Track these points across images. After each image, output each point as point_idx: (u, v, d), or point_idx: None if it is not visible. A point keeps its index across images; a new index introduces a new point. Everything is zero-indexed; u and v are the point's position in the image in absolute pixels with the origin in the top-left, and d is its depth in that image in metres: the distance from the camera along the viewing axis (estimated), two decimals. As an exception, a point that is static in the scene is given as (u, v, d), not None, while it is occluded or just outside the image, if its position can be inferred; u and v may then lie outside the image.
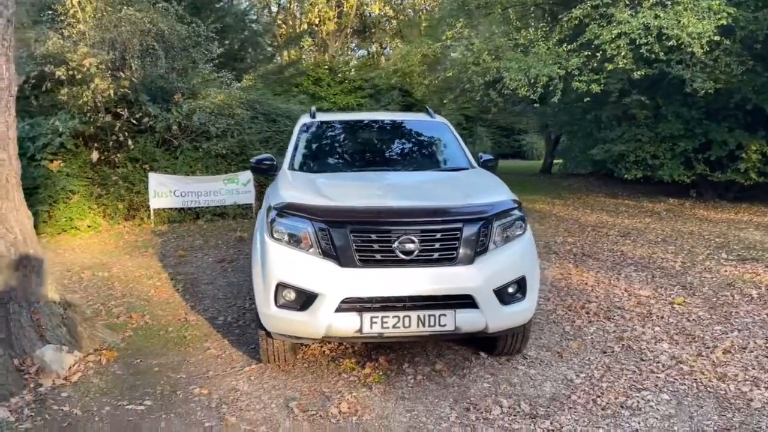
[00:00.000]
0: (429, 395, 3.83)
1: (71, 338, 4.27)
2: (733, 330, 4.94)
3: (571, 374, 4.16)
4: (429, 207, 3.83)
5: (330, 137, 5.32)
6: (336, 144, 5.28)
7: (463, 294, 3.66)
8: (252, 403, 3.70)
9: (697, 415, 3.58)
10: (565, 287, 6.37)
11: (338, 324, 3.61)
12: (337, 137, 5.35)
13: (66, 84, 9.88)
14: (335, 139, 5.33)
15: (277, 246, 3.77)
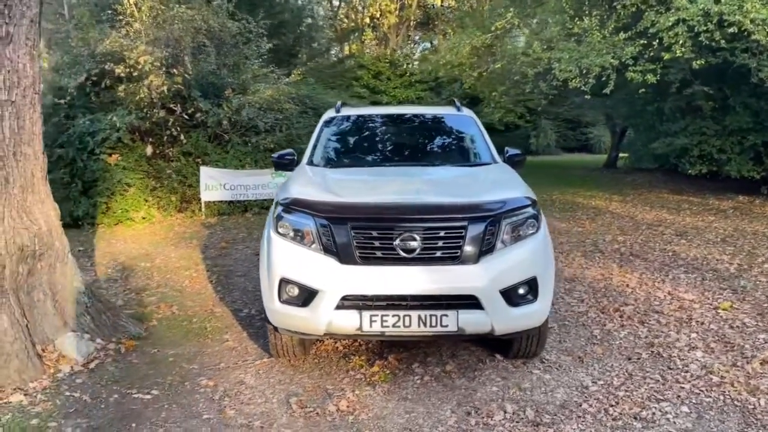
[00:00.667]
0: (433, 397, 3.74)
1: (94, 326, 4.42)
2: (777, 339, 4.58)
3: (587, 381, 3.96)
4: (433, 204, 3.72)
5: (352, 132, 5.28)
6: (357, 138, 5.24)
7: (466, 294, 3.54)
8: (254, 397, 3.72)
9: (717, 430, 3.32)
10: (603, 288, 6.09)
11: (338, 321, 3.58)
12: (359, 131, 5.30)
13: (124, 81, 10.28)
14: (357, 133, 5.29)
15: (281, 242, 3.77)
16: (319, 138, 5.11)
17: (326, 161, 4.85)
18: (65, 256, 4.36)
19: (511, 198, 3.80)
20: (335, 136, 5.17)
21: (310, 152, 4.95)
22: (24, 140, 3.98)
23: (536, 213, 3.84)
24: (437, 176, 4.44)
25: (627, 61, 8.96)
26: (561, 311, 5.39)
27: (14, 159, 3.92)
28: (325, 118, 5.37)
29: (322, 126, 5.25)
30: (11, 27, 3.79)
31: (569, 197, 13.34)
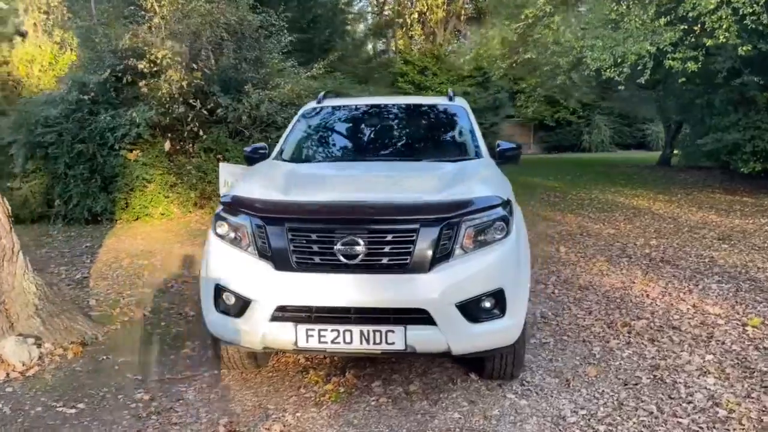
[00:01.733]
0: (382, 423, 3.29)
1: (45, 330, 4.18)
2: (809, 367, 3.89)
3: (567, 410, 3.42)
4: (381, 203, 3.25)
5: (329, 124, 4.86)
6: (332, 131, 4.82)
7: (414, 308, 3.07)
8: (185, 417, 3.37)
9: (709, 482, 2.75)
10: (618, 298, 5.47)
11: (273, 334, 3.18)
12: (336, 124, 4.88)
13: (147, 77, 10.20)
14: (334, 126, 4.86)
15: (218, 244, 3.40)
16: (292, 131, 4.72)
17: (294, 156, 4.45)
18: (13, 255, 4.13)
19: (475, 197, 3.29)
20: (311, 128, 4.77)
21: (280, 146, 4.56)
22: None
23: (506, 215, 3.31)
24: (406, 173, 3.97)
25: (665, 48, 8.17)
26: (563, 324, 4.83)
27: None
28: (304, 109, 4.97)
29: (299, 118, 4.85)
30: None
31: (610, 196, 12.54)
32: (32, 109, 10.00)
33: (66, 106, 9.94)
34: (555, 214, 10.46)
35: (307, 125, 4.77)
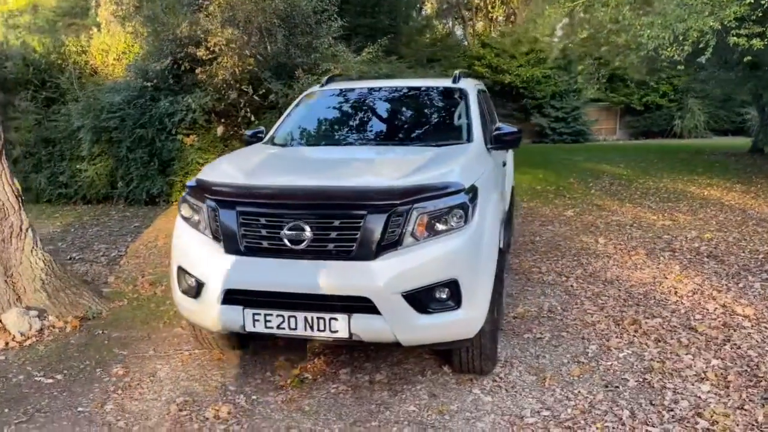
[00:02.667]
0: (332, 412, 3.24)
1: (50, 303, 4.43)
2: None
3: (530, 410, 3.23)
4: (329, 189, 3.17)
5: (326, 108, 4.79)
6: (327, 116, 4.74)
7: (357, 296, 2.98)
8: (147, 393, 3.46)
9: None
10: (640, 294, 5.11)
11: (224, 317, 3.20)
12: (333, 108, 4.80)
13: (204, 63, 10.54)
14: (330, 110, 4.79)
15: (182, 226, 3.46)
16: (288, 115, 4.71)
17: (284, 140, 4.43)
18: (21, 232, 4.39)
19: (431, 184, 3.14)
20: (308, 112, 4.73)
21: (274, 130, 4.57)
22: (-32, 116, 4.00)
23: (465, 203, 3.14)
24: (382, 157, 3.85)
25: (730, 24, 7.46)
26: (567, 319, 4.57)
27: (-45, 135, 3.96)
28: (305, 93, 4.94)
29: (298, 102, 4.84)
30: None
31: (680, 185, 11.72)
32: (99, 96, 10.58)
33: (129, 92, 10.45)
34: (611, 203, 9.90)
35: (304, 109, 4.74)
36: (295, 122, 4.59)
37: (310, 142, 4.34)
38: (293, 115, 4.68)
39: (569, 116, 28.40)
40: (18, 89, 11.24)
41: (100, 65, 12.84)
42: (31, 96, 11.19)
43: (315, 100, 4.82)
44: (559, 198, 10.51)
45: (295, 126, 4.55)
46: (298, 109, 4.74)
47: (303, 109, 4.74)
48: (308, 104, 4.79)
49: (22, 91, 11.21)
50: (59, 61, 11.87)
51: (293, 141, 4.37)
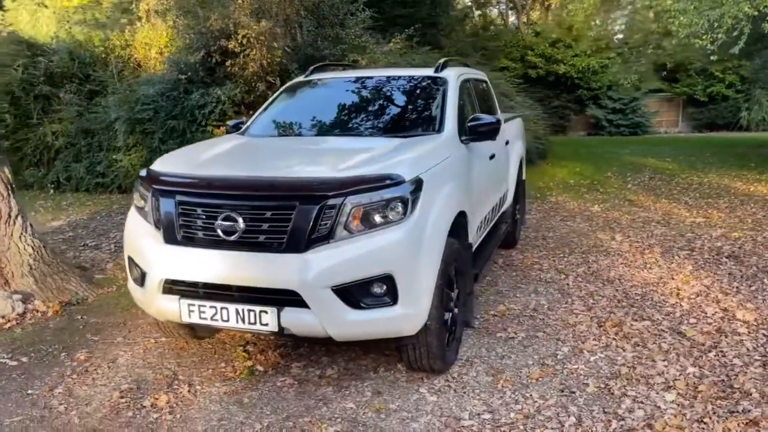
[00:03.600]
0: (270, 405, 3.21)
1: (37, 288, 4.59)
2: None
3: (469, 412, 3.09)
4: (261, 179, 3.12)
5: (304, 99, 4.74)
6: (302, 106, 4.68)
7: (285, 289, 2.93)
8: (100, 379, 3.53)
9: None
10: (639, 296, 4.84)
11: (164, 307, 3.22)
12: (310, 98, 4.73)
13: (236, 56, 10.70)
14: (307, 100, 4.73)
15: (133, 216, 3.50)
16: (267, 105, 4.69)
17: (256, 130, 4.41)
18: (10, 219, 4.55)
19: (368, 175, 3.04)
20: (285, 103, 4.69)
21: (251, 121, 4.56)
22: (-45, 107, 4.17)
23: (403, 195, 3.02)
24: (338, 147, 3.78)
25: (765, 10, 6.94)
26: (549, 319, 4.38)
27: (-58, 125, 4.13)
28: (288, 84, 4.91)
29: (279, 93, 4.81)
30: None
31: (726, 181, 11.06)
32: (135, 88, 10.92)
33: (163, 85, 10.72)
34: (645, 199, 9.45)
35: (282, 100, 4.71)
36: (270, 113, 4.57)
37: (279, 132, 4.30)
38: (271, 107, 4.66)
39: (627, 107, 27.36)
40: (64, 82, 11.71)
41: (142, 59, 13.22)
42: (76, 89, 11.64)
43: (294, 91, 4.79)
44: (591, 192, 10.12)
45: (269, 117, 4.52)
46: (277, 100, 4.72)
47: (281, 100, 4.71)
48: (289, 95, 4.76)
49: (68, 84, 11.67)
50: (103, 55, 12.30)
51: (263, 132, 4.35)
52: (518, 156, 6.17)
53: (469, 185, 3.98)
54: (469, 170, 4.07)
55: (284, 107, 4.61)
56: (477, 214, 4.26)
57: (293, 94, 4.76)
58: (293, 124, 4.37)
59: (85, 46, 12.36)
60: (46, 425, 3.03)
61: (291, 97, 4.73)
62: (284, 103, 4.66)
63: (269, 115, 4.56)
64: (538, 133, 12.16)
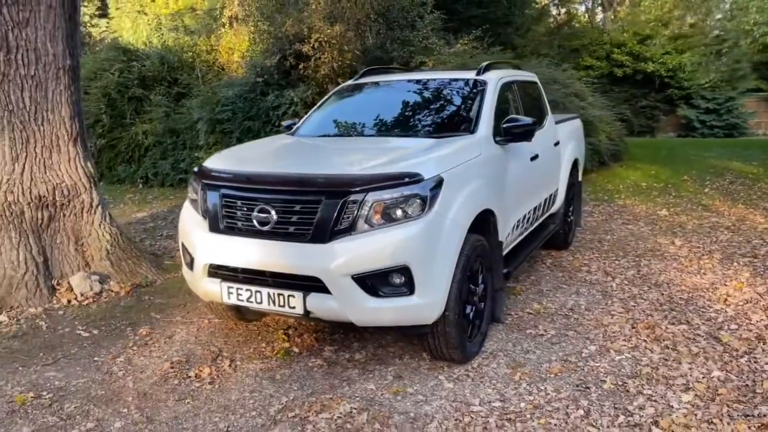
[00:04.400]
0: (298, 382, 3.50)
1: (113, 270, 5.13)
2: None
3: (480, 399, 3.26)
4: (292, 176, 3.42)
5: (351, 101, 5.00)
6: (348, 108, 4.93)
7: (309, 275, 3.21)
8: (156, 351, 3.95)
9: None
10: (684, 300, 4.78)
11: (208, 289, 3.58)
12: (357, 101, 4.99)
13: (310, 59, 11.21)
14: (354, 102, 4.98)
15: (186, 207, 3.89)
16: (317, 107, 5.02)
17: (304, 131, 4.74)
18: (93, 208, 5.12)
19: (388, 173, 3.27)
20: (332, 105, 4.98)
21: (301, 122, 4.90)
22: (47, 108, 4.76)
23: (421, 193, 3.22)
24: (373, 147, 4.02)
25: None
26: (584, 319, 4.43)
27: (35, 123, 4.73)
28: (339, 87, 5.21)
29: (330, 95, 5.12)
30: (27, 12, 4.56)
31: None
32: (216, 91, 11.64)
33: (241, 87, 11.37)
34: (720, 204, 9.09)
35: (331, 103, 5.01)
36: (318, 115, 4.88)
37: (324, 133, 4.60)
38: (320, 109, 4.97)
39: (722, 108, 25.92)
40: (154, 85, 12.64)
41: (225, 63, 14.02)
42: (165, 91, 12.53)
43: (343, 94, 5.08)
44: (662, 196, 9.82)
45: (317, 118, 4.83)
46: (326, 102, 5.03)
47: (330, 103, 5.01)
48: (339, 98, 5.05)
49: (158, 86, 12.59)
50: (190, 59, 13.16)
51: (310, 132, 4.66)
52: (571, 158, 6.18)
53: (501, 185, 4.11)
54: (503, 170, 4.20)
55: (332, 109, 4.91)
56: (512, 213, 4.38)
57: (342, 96, 5.06)
58: (337, 126, 4.65)
59: (174, 51, 13.25)
60: (105, 387, 3.46)
61: (340, 99, 5.02)
62: (332, 105, 4.96)
63: (317, 116, 4.87)
64: (612, 134, 11.87)
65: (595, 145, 11.30)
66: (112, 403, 3.28)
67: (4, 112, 4.60)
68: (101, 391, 3.41)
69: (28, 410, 3.20)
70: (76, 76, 5.05)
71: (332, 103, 5.00)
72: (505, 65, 5.57)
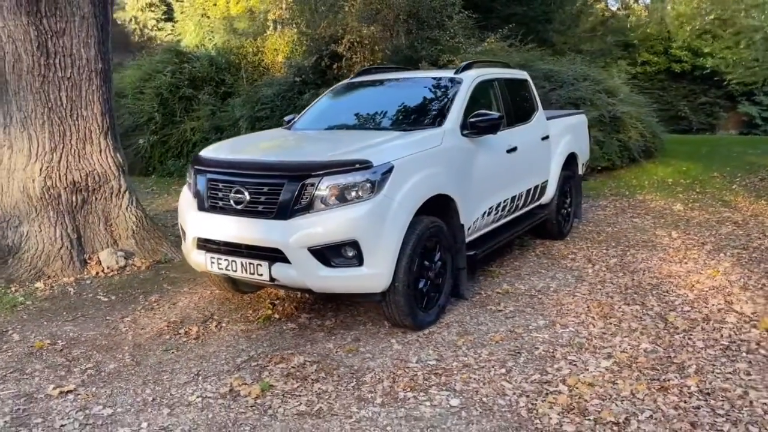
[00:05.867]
0: (269, 341, 4.04)
1: (137, 248, 5.85)
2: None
3: (418, 358, 3.71)
4: (262, 162, 3.98)
5: (343, 98, 5.51)
6: (338, 104, 5.45)
7: (272, 247, 3.75)
8: (159, 314, 4.59)
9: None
10: (651, 285, 5.06)
11: (196, 259, 4.18)
12: (348, 98, 5.49)
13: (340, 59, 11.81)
14: (345, 99, 5.49)
15: (184, 190, 4.51)
16: (314, 103, 5.57)
17: (299, 125, 5.29)
18: (122, 194, 5.85)
19: (341, 160, 3.78)
20: (329, 102, 5.51)
21: (299, 116, 5.46)
22: (81, 105, 5.51)
23: (371, 178, 3.71)
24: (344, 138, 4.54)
25: None
26: (547, 298, 4.79)
27: (71, 119, 5.49)
28: (335, 86, 5.75)
29: (327, 92, 5.66)
30: (63, 23, 5.31)
31: None
32: (257, 90, 12.41)
33: (280, 87, 12.08)
34: (742, 200, 9.07)
35: (325, 99, 5.55)
36: (314, 110, 5.43)
37: (314, 126, 5.13)
38: (316, 104, 5.53)
39: (780, 107, 24.95)
40: (203, 85, 13.53)
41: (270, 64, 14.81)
42: (212, 91, 13.39)
43: (339, 91, 5.61)
44: (686, 192, 9.85)
45: (312, 113, 5.38)
46: (322, 99, 5.58)
47: (324, 99, 5.55)
48: (333, 95, 5.59)
49: (206, 86, 13.48)
50: (237, 60, 14.00)
51: (303, 126, 5.21)
52: (565, 151, 6.47)
53: (465, 173, 4.53)
54: (469, 161, 4.62)
55: (326, 105, 5.45)
56: (480, 200, 4.78)
57: (337, 94, 5.59)
58: (326, 120, 5.18)
59: (223, 53, 14.13)
60: (109, 339, 4.12)
61: (334, 96, 5.56)
62: (326, 102, 5.50)
63: (312, 111, 5.42)
64: (644, 130, 11.89)
65: (623, 141, 11.38)
66: (111, 350, 3.93)
67: (45, 108, 5.36)
68: (105, 342, 4.06)
69: (43, 353, 3.89)
70: (108, 77, 5.78)
71: (327, 99, 5.54)
72: (494, 64, 5.94)
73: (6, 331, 4.26)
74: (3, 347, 4.00)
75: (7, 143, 5.43)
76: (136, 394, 3.34)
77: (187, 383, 3.45)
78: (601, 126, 10.73)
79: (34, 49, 5.25)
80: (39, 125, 5.38)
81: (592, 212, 8.12)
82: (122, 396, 3.33)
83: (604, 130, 10.84)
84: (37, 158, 5.41)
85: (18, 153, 5.42)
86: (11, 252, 5.37)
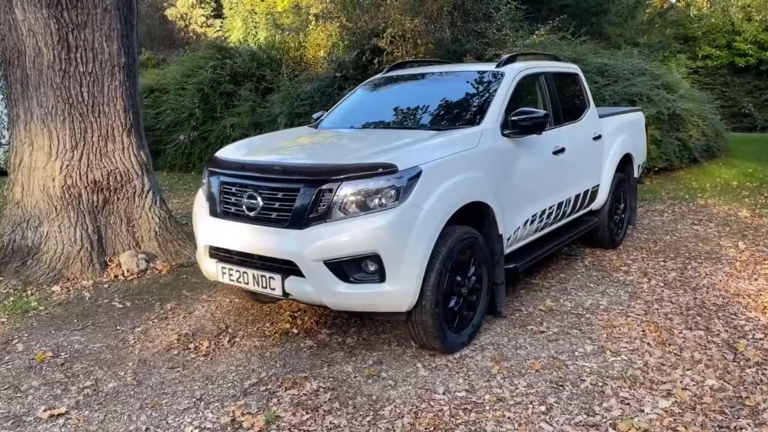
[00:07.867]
0: (284, 360, 3.69)
1: (159, 250, 5.60)
2: None
3: (446, 388, 3.29)
4: (276, 165, 3.59)
5: (374, 94, 5.08)
6: (367, 101, 5.02)
7: (285, 259, 3.39)
8: (172, 324, 4.29)
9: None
10: (715, 305, 4.52)
11: (208, 268, 3.87)
12: (379, 94, 5.05)
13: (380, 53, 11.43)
14: (376, 95, 5.05)
15: (199, 193, 4.19)
16: (343, 100, 5.17)
17: (326, 123, 4.91)
18: (145, 193, 5.61)
19: (364, 164, 3.37)
20: (358, 98, 5.10)
21: (327, 114, 5.08)
22: (103, 101, 5.28)
23: (395, 184, 3.29)
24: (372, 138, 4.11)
25: None
26: (595, 318, 4.29)
27: (92, 115, 5.26)
28: (365, 81, 5.34)
29: (357, 89, 5.26)
30: (85, 16, 5.08)
31: None
32: (298, 86, 12.14)
33: (319, 82, 11.78)
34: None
35: (355, 95, 5.14)
36: (341, 108, 5.04)
37: (342, 125, 4.73)
38: (345, 102, 5.13)
39: None
40: (244, 81, 13.36)
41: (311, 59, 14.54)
42: (253, 87, 13.20)
43: (370, 86, 5.19)
44: (752, 196, 9.07)
45: (339, 111, 4.99)
46: (351, 95, 5.18)
47: (354, 95, 5.15)
48: (363, 91, 5.18)
49: (247, 82, 13.30)
50: (278, 56, 13.78)
51: (330, 125, 4.83)
52: (619, 152, 5.91)
53: (505, 178, 4.07)
54: (510, 163, 4.15)
55: (356, 102, 5.05)
56: (522, 207, 4.31)
57: (367, 90, 5.18)
58: (355, 119, 4.77)
59: (264, 48, 13.92)
60: (114, 352, 3.84)
61: (364, 93, 5.15)
62: (357, 98, 5.10)
63: (340, 109, 5.03)
64: (706, 129, 11.08)
65: (683, 140, 10.64)
66: (114, 366, 3.64)
67: (65, 105, 5.15)
68: (109, 356, 3.79)
69: (43, 366, 3.64)
70: (132, 72, 5.54)
71: (357, 96, 5.14)
72: (540, 57, 5.44)
73: (11, 340, 4.03)
74: (4, 358, 3.77)
75: (28, 140, 5.25)
76: (130, 421, 3.03)
77: (187, 410, 3.12)
78: (659, 124, 10.04)
79: (55, 42, 5.03)
80: (59, 122, 5.17)
81: (647, 218, 7.50)
82: (115, 423, 3.02)
83: (662, 128, 10.14)
84: (57, 156, 5.21)
85: (38, 150, 5.23)
86: (30, 253, 5.19)
